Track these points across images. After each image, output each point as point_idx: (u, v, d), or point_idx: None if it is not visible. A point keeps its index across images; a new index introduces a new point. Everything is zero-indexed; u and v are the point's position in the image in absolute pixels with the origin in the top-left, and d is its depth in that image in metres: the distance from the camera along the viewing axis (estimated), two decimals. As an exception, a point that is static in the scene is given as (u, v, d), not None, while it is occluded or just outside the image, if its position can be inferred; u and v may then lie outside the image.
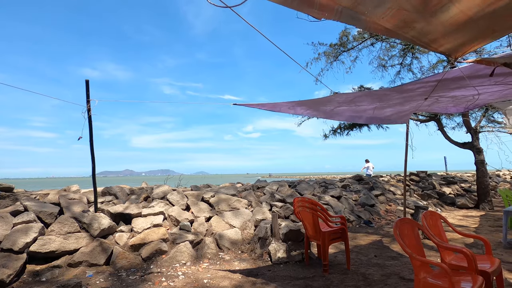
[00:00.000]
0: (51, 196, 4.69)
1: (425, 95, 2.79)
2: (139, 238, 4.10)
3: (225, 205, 5.52)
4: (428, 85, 2.46)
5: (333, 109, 3.40)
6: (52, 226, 3.89)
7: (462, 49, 1.36)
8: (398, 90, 2.70)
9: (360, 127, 13.12)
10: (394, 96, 2.88)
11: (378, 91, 2.79)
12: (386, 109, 3.52)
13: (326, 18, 1.21)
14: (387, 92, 2.79)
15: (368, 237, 5.39)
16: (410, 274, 3.45)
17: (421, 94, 2.77)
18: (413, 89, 2.62)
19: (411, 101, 3.08)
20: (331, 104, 3.22)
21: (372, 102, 3.17)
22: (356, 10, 1.14)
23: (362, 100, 3.07)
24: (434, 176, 11.83)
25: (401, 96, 2.89)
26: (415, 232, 2.61)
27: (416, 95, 2.84)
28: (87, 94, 4.36)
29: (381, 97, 2.93)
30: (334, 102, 3.15)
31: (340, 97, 2.96)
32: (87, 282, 3.28)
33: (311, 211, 3.68)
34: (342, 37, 12.44)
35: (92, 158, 4.59)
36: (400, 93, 2.79)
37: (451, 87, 2.50)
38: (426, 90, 2.61)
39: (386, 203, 8.21)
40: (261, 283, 3.29)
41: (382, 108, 3.46)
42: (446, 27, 1.17)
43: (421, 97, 2.92)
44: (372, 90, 2.72)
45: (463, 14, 1.11)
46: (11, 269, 3.16)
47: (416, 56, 11.73)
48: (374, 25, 1.22)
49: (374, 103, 3.20)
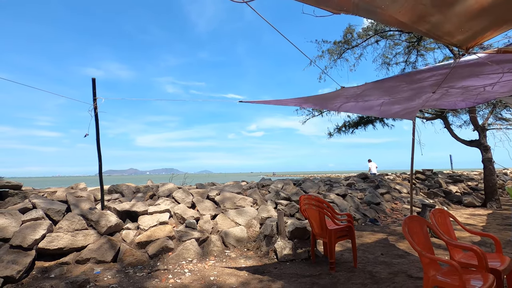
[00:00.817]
0: (59, 193, 4.73)
1: (436, 86, 2.74)
2: (146, 235, 4.12)
3: (230, 203, 5.53)
4: (439, 73, 2.41)
5: (341, 106, 3.36)
6: (60, 223, 3.92)
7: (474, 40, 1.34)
8: (408, 79, 2.64)
9: (365, 125, 13.05)
10: (403, 88, 2.82)
11: (387, 81, 2.73)
12: (393, 105, 3.47)
13: (344, 13, 1.20)
14: (397, 83, 2.74)
15: (374, 235, 5.36)
16: (418, 272, 3.42)
17: (431, 84, 2.72)
18: (424, 78, 2.56)
19: (420, 93, 3.03)
20: (339, 99, 3.18)
21: (380, 96, 3.12)
22: (373, 3, 1.12)
23: (370, 93, 3.02)
24: (440, 175, 11.72)
25: (410, 87, 2.83)
26: (424, 230, 2.59)
27: (425, 86, 2.79)
28: (93, 92, 4.39)
29: (390, 89, 2.88)
30: (342, 97, 3.11)
31: (348, 92, 2.92)
32: (95, 279, 3.31)
33: (317, 209, 3.67)
34: (347, 34, 12.36)
35: (99, 156, 4.62)
36: (409, 84, 2.74)
37: (464, 75, 2.44)
38: (437, 79, 2.55)
39: (392, 201, 8.16)
40: (268, 281, 3.29)
41: (390, 104, 3.42)
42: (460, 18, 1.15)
43: (430, 89, 2.87)
44: (381, 80, 2.66)
45: (478, 3, 1.08)
46: (21, 265, 3.20)
47: (421, 53, 11.62)
48: (390, 18, 1.20)
49: (382, 97, 3.15)
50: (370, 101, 3.29)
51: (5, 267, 3.12)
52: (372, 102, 3.33)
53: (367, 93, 2.98)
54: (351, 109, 3.66)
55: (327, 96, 3.14)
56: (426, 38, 11.09)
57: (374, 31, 11.77)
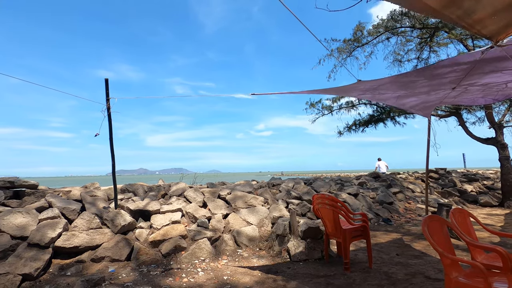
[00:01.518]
0: (74, 193, 4.81)
1: (454, 83, 2.65)
2: (159, 234, 4.14)
3: (242, 202, 5.51)
4: (460, 68, 2.32)
5: (357, 96, 3.29)
6: (75, 222, 3.98)
7: (505, 31, 1.27)
8: (427, 74, 2.56)
9: (376, 124, 12.85)
10: (421, 83, 2.74)
11: (405, 76, 2.64)
12: (410, 98, 3.37)
13: None
14: (415, 78, 2.66)
15: (388, 235, 5.26)
16: (436, 273, 3.33)
17: (450, 81, 2.62)
18: (443, 74, 2.48)
19: (438, 90, 2.93)
20: (355, 92, 3.11)
21: (397, 90, 3.04)
22: None
23: (387, 88, 2.94)
24: (454, 173, 11.44)
25: (429, 83, 2.74)
26: (444, 230, 2.51)
27: (445, 83, 2.70)
28: (106, 92, 4.43)
29: (407, 84, 2.79)
30: (358, 90, 3.04)
31: (364, 85, 2.85)
32: (110, 277, 3.35)
33: (331, 208, 3.62)
34: (357, 32, 12.19)
35: (112, 156, 4.67)
36: (428, 79, 2.65)
37: (486, 71, 2.35)
38: (458, 75, 2.46)
39: (405, 201, 8.00)
40: (282, 280, 3.26)
41: (406, 97, 3.33)
42: (495, 6, 1.09)
43: (449, 86, 2.77)
44: (399, 75, 2.56)
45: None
46: (39, 263, 3.26)
47: (433, 49, 11.36)
48: (420, 4, 1.15)
49: (398, 91, 3.07)
50: (386, 94, 3.21)
51: (24, 265, 3.18)
52: (389, 95, 3.25)
53: (383, 87, 2.91)
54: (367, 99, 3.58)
55: (343, 89, 3.07)
56: (438, 33, 10.84)
57: (385, 28, 11.58)
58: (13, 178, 4.56)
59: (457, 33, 9.77)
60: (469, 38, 9.79)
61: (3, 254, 3.31)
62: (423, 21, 10.38)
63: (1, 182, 4.44)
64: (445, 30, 10.12)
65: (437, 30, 10.47)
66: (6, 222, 3.60)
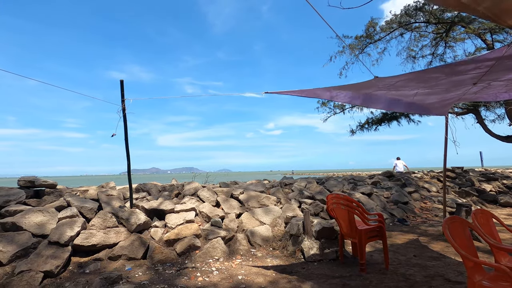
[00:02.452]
0: (91, 192, 4.92)
1: (477, 79, 2.54)
2: (174, 233, 4.19)
3: (255, 202, 5.51)
4: (484, 65, 2.23)
5: (372, 92, 3.22)
6: (93, 221, 4.07)
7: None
8: (448, 71, 2.47)
9: (389, 122, 12.61)
10: (442, 80, 2.65)
11: (425, 72, 2.56)
12: (429, 96, 3.27)
13: None
14: (435, 75, 2.57)
15: (404, 236, 5.15)
16: (457, 276, 3.23)
17: (472, 77, 2.53)
18: (465, 71, 2.38)
19: (459, 86, 2.83)
20: (371, 89, 3.05)
21: (415, 87, 2.96)
22: None
23: (405, 84, 2.87)
24: (471, 172, 11.09)
25: (450, 80, 2.65)
26: (466, 232, 2.43)
27: (466, 79, 2.60)
28: (121, 93, 4.50)
29: (428, 80, 2.71)
30: (374, 87, 2.97)
31: (382, 82, 2.78)
32: (127, 275, 3.40)
33: (346, 208, 3.56)
34: (369, 28, 11.99)
35: (127, 156, 4.75)
36: (449, 76, 2.56)
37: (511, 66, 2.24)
38: (481, 72, 2.37)
39: (421, 200, 7.82)
40: (297, 281, 3.24)
41: (425, 95, 3.23)
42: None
43: (470, 81, 2.67)
44: (419, 71, 2.49)
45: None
46: (59, 261, 3.35)
47: (449, 45, 11.03)
48: None
49: (417, 88, 2.98)
50: (403, 91, 3.13)
51: (45, 262, 3.28)
52: (407, 91, 3.17)
53: (401, 83, 2.83)
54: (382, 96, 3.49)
55: (359, 86, 3.01)
56: (455, 28, 10.52)
57: (398, 24, 11.33)
58: (33, 177, 4.70)
59: (475, 27, 9.46)
60: (488, 32, 9.47)
61: (25, 252, 3.42)
62: (439, 16, 10.10)
63: (22, 182, 4.59)
64: (462, 24, 9.81)
65: (453, 25, 10.17)
66: (27, 220, 3.72)
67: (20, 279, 3.05)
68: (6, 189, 4.35)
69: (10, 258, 3.28)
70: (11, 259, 3.29)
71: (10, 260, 3.27)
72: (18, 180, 4.65)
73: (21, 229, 3.63)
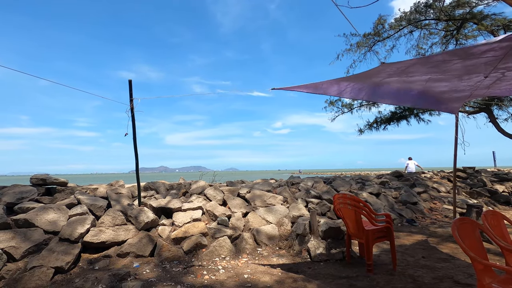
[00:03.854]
0: (100, 190, 5.01)
1: (491, 66, 2.45)
2: (181, 231, 4.23)
3: (261, 201, 5.52)
4: (499, 47, 2.15)
5: (382, 80, 3.16)
6: (102, 218, 4.15)
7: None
8: (462, 53, 2.38)
9: (398, 121, 12.43)
10: (455, 63, 2.56)
11: (437, 56, 2.48)
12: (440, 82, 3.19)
13: None
14: (448, 57, 2.50)
15: (412, 237, 5.08)
16: (466, 278, 3.18)
17: (486, 62, 2.44)
18: (479, 53, 2.30)
19: (471, 74, 2.74)
20: (380, 76, 3.00)
21: (427, 72, 2.88)
22: None
23: (416, 69, 2.79)
24: (483, 173, 10.85)
25: (463, 64, 2.56)
26: (476, 234, 2.38)
27: (480, 64, 2.51)
28: (130, 93, 4.56)
29: (439, 64, 2.64)
30: (383, 73, 2.92)
31: (390, 68, 2.72)
32: (135, 272, 3.46)
33: (353, 208, 3.54)
34: (377, 25, 11.83)
35: (136, 155, 4.82)
36: (463, 59, 2.48)
37: None
38: (496, 55, 2.28)
39: (430, 201, 7.69)
40: (303, 280, 3.23)
41: (436, 81, 3.15)
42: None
43: (484, 68, 2.58)
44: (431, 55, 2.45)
45: None
46: (69, 257, 3.43)
47: (460, 42, 10.79)
48: None
49: (429, 73, 2.90)
50: (414, 76, 3.06)
51: (56, 258, 3.36)
52: (417, 77, 3.09)
53: (411, 69, 2.76)
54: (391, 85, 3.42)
55: (368, 74, 2.96)
56: (466, 25, 10.28)
57: (408, 21, 11.15)
58: (45, 175, 4.81)
59: (487, 24, 9.23)
60: (501, 29, 9.23)
61: (37, 248, 3.51)
62: (449, 13, 9.90)
63: (34, 179, 4.70)
64: (473, 21, 9.59)
65: (464, 22, 9.95)
66: (39, 217, 3.81)
67: (32, 274, 3.14)
68: (19, 187, 4.47)
69: (22, 254, 3.37)
70: (24, 254, 3.38)
71: (22, 255, 3.37)
72: (30, 178, 4.77)
73: (34, 226, 3.73)
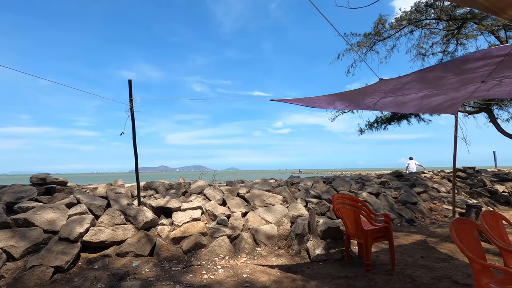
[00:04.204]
0: (100, 190, 5.01)
1: (486, 77, 2.47)
2: (180, 231, 4.24)
3: (260, 200, 5.52)
4: (493, 61, 2.16)
5: (377, 102, 3.17)
6: (102, 218, 4.15)
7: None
8: (457, 70, 2.40)
9: (399, 121, 12.42)
10: (450, 79, 2.59)
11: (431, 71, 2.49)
12: (436, 97, 3.20)
13: None
14: (442, 74, 2.51)
15: (411, 237, 5.08)
16: (465, 278, 3.18)
17: (482, 75, 2.46)
18: (474, 69, 2.32)
19: (467, 84, 2.76)
20: (376, 95, 2.99)
21: (422, 88, 2.89)
22: None
23: (412, 86, 2.81)
24: (483, 173, 10.84)
25: (458, 78, 2.59)
26: (474, 234, 2.38)
27: (475, 77, 2.53)
28: (130, 93, 4.57)
29: (434, 80, 2.65)
30: (379, 91, 2.92)
31: (387, 85, 2.73)
32: (134, 272, 3.46)
33: (352, 208, 3.54)
34: (378, 25, 11.81)
35: (135, 154, 4.82)
36: (457, 75, 2.50)
37: None
38: (490, 69, 2.30)
39: (430, 201, 7.69)
40: (301, 280, 3.24)
41: (432, 96, 3.16)
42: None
43: (480, 79, 2.60)
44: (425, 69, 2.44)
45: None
46: (68, 256, 3.43)
47: (461, 42, 10.78)
48: None
49: (424, 90, 2.92)
50: (410, 95, 3.06)
51: (55, 258, 3.36)
52: (413, 96, 3.09)
53: (408, 86, 2.78)
54: (387, 105, 3.43)
55: (363, 91, 2.97)
56: (467, 25, 10.27)
57: (408, 21, 11.13)
58: (44, 175, 4.82)
59: (488, 24, 9.22)
60: (501, 29, 9.21)
61: (36, 247, 3.52)
62: (450, 13, 9.88)
63: (34, 179, 4.71)
64: (474, 21, 9.57)
65: (465, 22, 9.93)
66: (39, 217, 3.82)
67: (32, 274, 3.14)
68: (19, 186, 4.48)
69: (22, 253, 3.38)
70: (23, 254, 3.39)
71: (22, 255, 3.38)
72: (30, 178, 4.78)
73: (33, 225, 3.73)
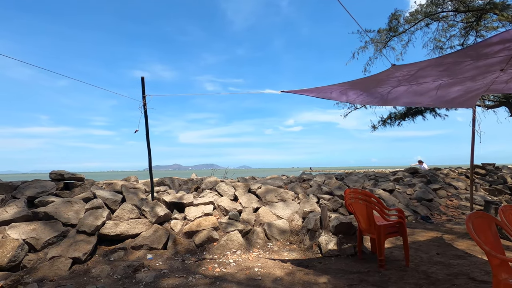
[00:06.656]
0: (115, 185, 5.15)
1: (505, 63, 2.36)
2: (193, 225, 4.30)
3: (272, 196, 5.53)
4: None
5: (390, 91, 3.09)
6: (117, 212, 4.27)
7: None
8: (474, 54, 2.30)
9: (413, 117, 12.12)
10: (467, 65, 2.48)
11: (448, 57, 2.41)
12: (453, 87, 3.09)
13: None
14: (460, 59, 2.41)
15: (427, 234, 4.97)
16: (483, 275, 3.08)
17: (501, 60, 2.35)
18: (492, 53, 2.21)
19: (485, 73, 2.65)
20: (389, 83, 2.92)
21: (439, 76, 2.79)
22: None
23: (427, 74, 2.71)
24: (504, 169, 10.44)
25: (475, 65, 2.49)
26: (493, 228, 2.31)
27: (494, 63, 2.42)
28: (142, 89, 4.66)
29: (451, 67, 2.55)
30: (393, 79, 2.84)
31: (400, 71, 2.65)
32: (148, 264, 3.55)
33: (364, 203, 3.49)
34: (392, 20, 11.53)
35: (149, 150, 4.92)
36: (475, 60, 2.40)
37: None
38: (509, 53, 2.19)
39: (447, 198, 7.48)
40: (313, 275, 3.23)
41: (449, 86, 3.05)
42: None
43: (499, 66, 2.49)
44: (441, 56, 2.35)
45: None
46: (86, 248, 3.56)
47: (480, 34, 10.38)
48: None
49: (440, 78, 2.81)
50: (425, 84, 2.96)
51: (74, 249, 3.49)
52: (428, 85, 2.99)
53: (422, 73, 2.68)
54: (401, 95, 3.33)
55: (376, 78, 2.89)
56: (486, 16, 9.87)
57: (424, 14, 10.81)
58: (62, 171, 4.99)
59: (509, 14, 8.84)
60: (524, 19, 8.81)
61: (56, 239, 3.66)
62: (468, 4, 9.53)
63: (54, 174, 4.90)
64: (494, 11, 9.19)
65: (484, 13, 9.56)
66: (58, 210, 3.97)
67: (52, 264, 3.28)
68: (40, 181, 4.66)
69: (42, 245, 3.52)
70: (44, 245, 3.54)
71: (42, 246, 3.52)
72: (50, 173, 4.96)
73: (53, 219, 3.88)
